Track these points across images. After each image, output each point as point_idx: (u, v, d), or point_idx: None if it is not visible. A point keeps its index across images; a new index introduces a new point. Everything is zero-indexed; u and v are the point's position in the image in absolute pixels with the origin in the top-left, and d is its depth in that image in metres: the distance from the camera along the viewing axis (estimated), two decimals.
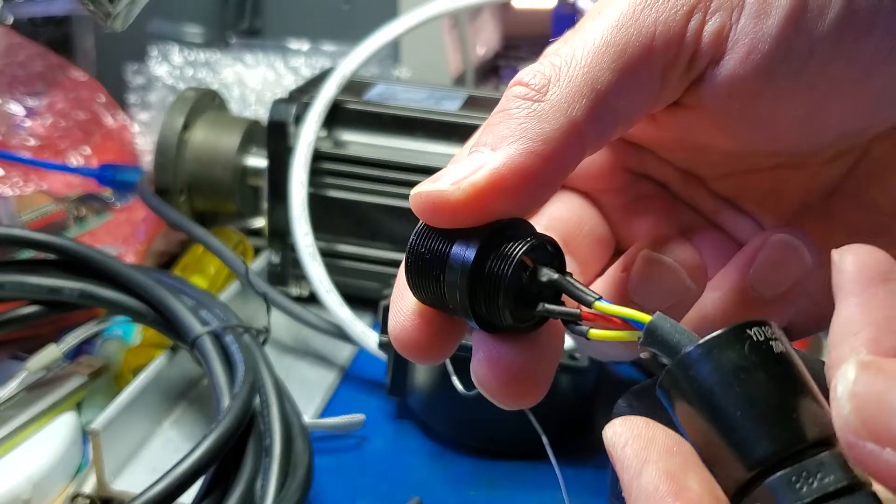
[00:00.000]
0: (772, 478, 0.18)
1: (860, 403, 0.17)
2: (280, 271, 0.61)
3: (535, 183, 0.21)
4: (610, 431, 0.19)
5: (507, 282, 0.21)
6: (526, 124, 0.21)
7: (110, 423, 0.42)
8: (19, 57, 0.73)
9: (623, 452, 0.19)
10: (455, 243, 0.21)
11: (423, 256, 0.22)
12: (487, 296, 0.21)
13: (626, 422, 0.19)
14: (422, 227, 0.23)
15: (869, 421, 0.17)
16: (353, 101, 0.60)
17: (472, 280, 0.21)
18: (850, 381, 0.17)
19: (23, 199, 0.67)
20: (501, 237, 0.21)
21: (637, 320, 0.21)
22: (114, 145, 0.76)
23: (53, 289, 0.48)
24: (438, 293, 0.22)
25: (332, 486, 0.46)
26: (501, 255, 0.21)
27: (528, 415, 0.44)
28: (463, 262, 0.21)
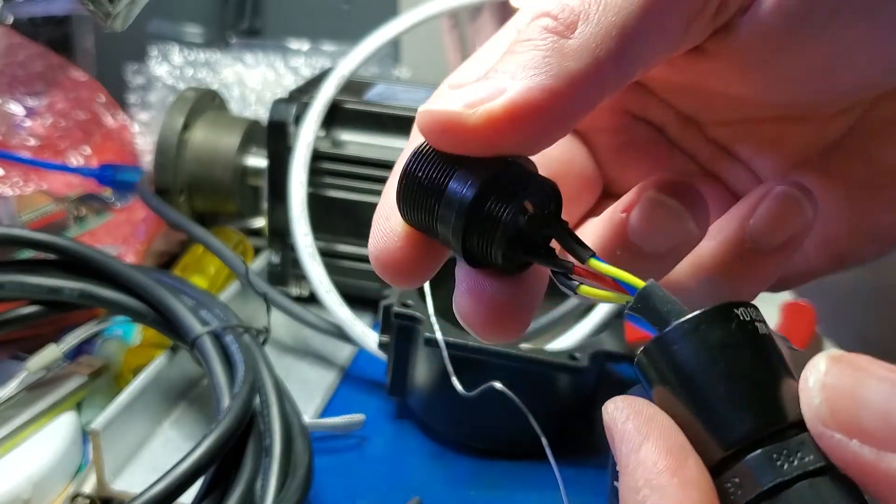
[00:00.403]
0: (753, 454, 0.18)
1: (830, 394, 0.17)
2: (280, 271, 0.61)
3: (552, 121, 0.20)
4: (612, 406, 0.19)
5: (504, 225, 0.20)
6: (551, 59, 0.20)
7: (110, 422, 0.42)
8: (19, 57, 0.73)
9: (624, 426, 0.19)
10: (454, 176, 0.21)
11: (420, 182, 0.21)
12: (482, 236, 0.21)
13: (627, 399, 0.19)
14: (422, 150, 0.22)
15: (837, 412, 0.17)
16: (353, 101, 0.60)
17: (468, 218, 0.21)
18: (822, 373, 0.18)
19: (23, 199, 0.67)
20: (504, 177, 0.21)
21: (630, 284, 0.20)
22: (114, 145, 0.76)
23: (53, 289, 0.48)
24: (429, 222, 0.22)
25: (332, 486, 0.46)
26: (502, 197, 0.20)
27: (527, 415, 0.44)
28: (461, 199, 0.21)
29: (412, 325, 0.47)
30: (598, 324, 0.50)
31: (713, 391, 0.19)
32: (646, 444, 0.18)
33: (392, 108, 0.59)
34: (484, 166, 0.20)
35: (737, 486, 0.18)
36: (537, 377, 0.46)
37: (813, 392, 0.18)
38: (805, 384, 0.18)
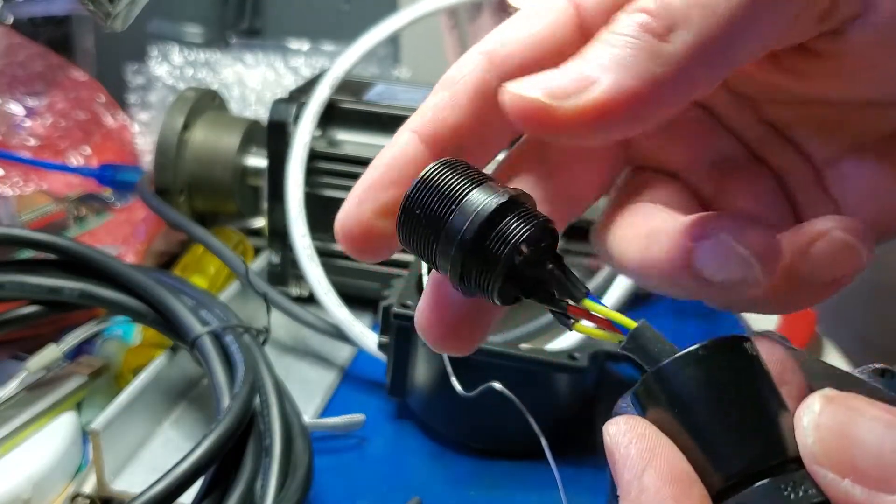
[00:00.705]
0: (762, 483, 0.18)
1: (823, 434, 0.18)
2: (280, 271, 0.61)
3: (638, 120, 0.20)
4: (613, 429, 0.19)
5: (502, 265, 0.21)
6: (645, 60, 0.20)
7: (110, 422, 0.42)
8: (19, 57, 0.74)
9: (626, 451, 0.19)
10: (455, 212, 0.21)
11: (419, 216, 0.22)
12: (479, 273, 0.21)
13: (630, 420, 0.19)
14: (425, 179, 0.22)
15: (830, 452, 0.18)
16: (353, 101, 0.60)
17: (466, 257, 0.21)
18: (815, 413, 0.18)
19: (23, 199, 0.67)
20: (503, 217, 0.21)
21: (622, 324, 0.21)
22: (114, 145, 0.76)
23: (53, 289, 0.48)
24: (426, 251, 0.22)
25: (332, 485, 0.46)
26: (500, 237, 0.21)
27: (526, 415, 0.44)
28: (461, 237, 0.21)
29: (412, 325, 0.47)
30: None
31: (719, 421, 0.19)
32: (649, 471, 0.18)
33: (392, 107, 0.59)
34: (482, 202, 0.21)
35: None
36: (537, 377, 0.46)
37: (807, 432, 0.18)
38: (799, 423, 0.18)
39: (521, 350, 0.46)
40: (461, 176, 0.22)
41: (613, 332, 0.21)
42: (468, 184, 0.21)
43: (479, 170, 0.22)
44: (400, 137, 0.24)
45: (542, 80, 0.21)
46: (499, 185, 0.22)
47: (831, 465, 0.18)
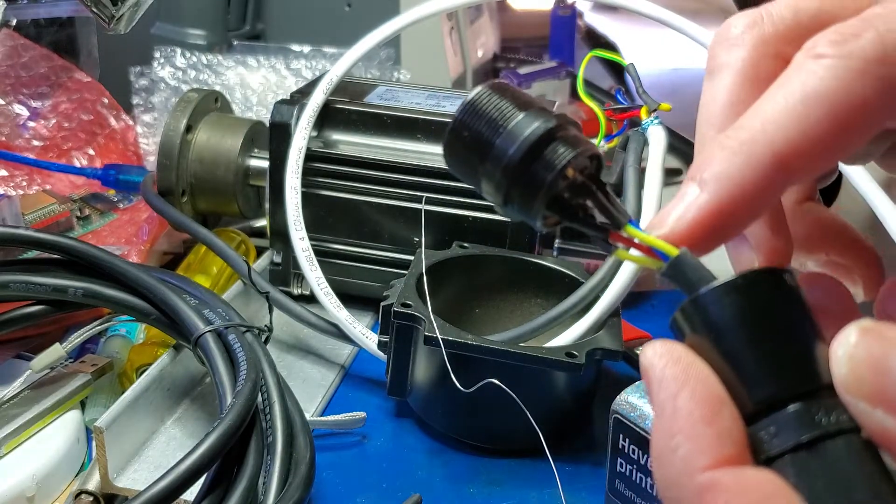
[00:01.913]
0: (795, 406, 0.19)
1: (856, 365, 0.18)
2: (282, 271, 0.62)
3: (737, 224, 0.21)
4: (650, 351, 0.20)
5: (545, 189, 0.21)
6: (739, 170, 0.21)
7: (114, 420, 0.43)
8: (23, 59, 0.74)
9: (662, 372, 0.19)
10: (501, 135, 0.21)
11: (468, 135, 0.22)
12: (522, 196, 0.22)
13: (666, 344, 0.20)
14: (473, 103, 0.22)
15: (862, 383, 0.18)
16: (354, 102, 0.60)
17: (511, 179, 0.21)
18: (851, 345, 0.18)
19: (27, 200, 0.68)
20: (548, 141, 0.21)
21: (663, 251, 0.21)
22: (117, 146, 0.76)
23: (58, 288, 0.49)
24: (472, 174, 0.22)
25: (334, 482, 0.46)
26: (545, 161, 0.21)
27: (523, 410, 0.44)
28: (507, 160, 0.21)
29: (412, 325, 0.48)
30: (595, 322, 0.50)
31: (754, 348, 0.19)
32: (683, 392, 0.19)
33: (392, 109, 0.60)
34: (529, 130, 0.21)
35: (772, 434, 0.19)
36: (535, 375, 0.47)
37: (841, 362, 0.18)
38: (835, 354, 0.18)
39: (519, 348, 0.47)
40: (509, 99, 0.22)
41: (654, 258, 0.21)
42: (516, 108, 0.22)
43: (527, 94, 0.22)
44: None
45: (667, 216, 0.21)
46: (547, 110, 0.22)
47: (863, 395, 0.18)
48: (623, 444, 0.40)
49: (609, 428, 0.41)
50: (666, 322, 0.22)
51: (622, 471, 0.40)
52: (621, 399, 0.40)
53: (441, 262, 0.54)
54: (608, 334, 0.48)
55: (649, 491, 0.39)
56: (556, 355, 0.46)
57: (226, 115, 0.70)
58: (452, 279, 0.54)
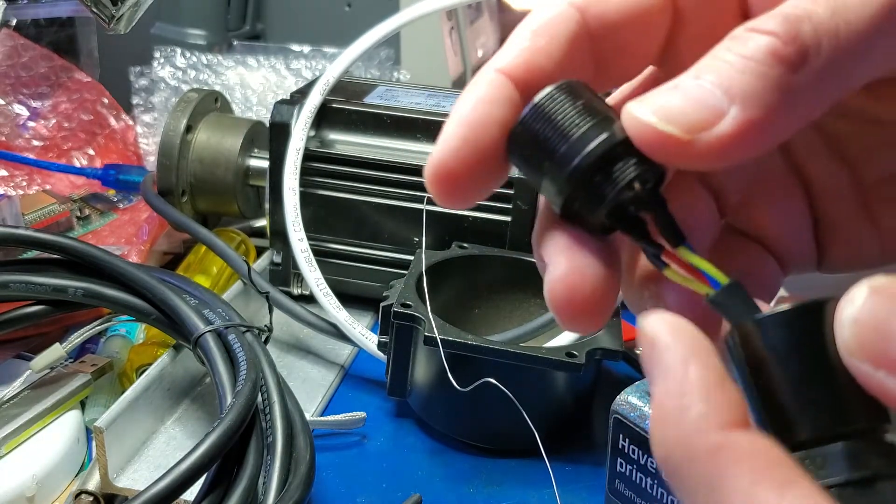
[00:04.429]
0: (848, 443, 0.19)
1: (860, 329, 0.18)
2: (282, 271, 0.62)
3: (757, 150, 0.20)
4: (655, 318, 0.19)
5: (607, 203, 0.21)
6: (777, 94, 0.19)
7: (114, 420, 0.43)
8: (23, 59, 0.74)
9: (671, 337, 0.19)
10: (567, 142, 0.21)
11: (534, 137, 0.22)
12: (584, 204, 0.21)
13: (670, 315, 0.19)
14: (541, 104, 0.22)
15: (866, 345, 0.17)
16: (353, 102, 0.60)
17: (574, 188, 0.21)
18: (856, 307, 0.18)
19: (27, 200, 0.68)
20: (613, 154, 0.21)
21: (714, 278, 0.21)
22: (117, 146, 0.76)
23: (58, 288, 0.49)
24: (535, 174, 0.22)
25: (334, 482, 0.46)
26: (611, 175, 0.21)
27: (519, 409, 0.44)
28: (572, 167, 0.21)
29: (412, 325, 0.48)
30: None
31: (815, 379, 0.19)
32: (694, 357, 0.18)
33: (391, 108, 0.60)
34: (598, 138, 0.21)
35: (818, 465, 0.19)
36: (535, 375, 0.47)
37: (845, 325, 0.18)
38: (839, 315, 0.18)
39: (519, 347, 0.47)
40: (582, 102, 0.21)
41: (704, 283, 0.21)
42: (587, 112, 0.21)
43: (600, 97, 0.22)
44: (487, 76, 0.22)
45: (668, 108, 0.20)
46: (610, 115, 0.21)
47: (866, 357, 0.17)
48: (623, 444, 0.40)
49: (609, 428, 0.41)
50: None
51: (622, 471, 0.40)
52: (621, 399, 0.40)
53: (441, 262, 0.54)
54: (608, 334, 0.48)
55: (649, 491, 0.39)
56: (556, 355, 0.46)
57: (226, 115, 0.70)
58: (452, 279, 0.54)
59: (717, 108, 0.19)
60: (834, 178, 0.26)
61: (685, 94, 0.20)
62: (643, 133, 0.20)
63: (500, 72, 0.22)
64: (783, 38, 0.20)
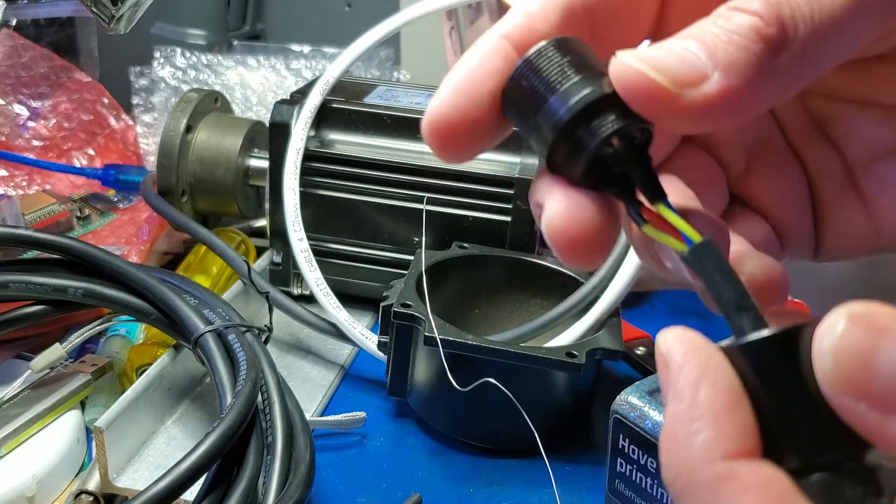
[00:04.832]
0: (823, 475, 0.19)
1: (842, 360, 0.17)
2: (282, 271, 0.62)
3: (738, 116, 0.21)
4: (669, 337, 0.19)
5: (588, 153, 0.22)
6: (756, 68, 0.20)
7: (114, 420, 0.43)
8: (23, 59, 0.74)
9: (684, 358, 0.19)
10: (554, 94, 0.22)
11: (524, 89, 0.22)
12: (566, 156, 0.22)
13: (685, 331, 0.20)
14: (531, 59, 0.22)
15: (848, 378, 0.17)
16: (353, 102, 0.60)
17: (557, 138, 0.22)
18: (837, 336, 0.17)
19: (27, 200, 0.68)
20: (599, 107, 0.21)
21: (688, 236, 0.21)
22: (117, 146, 0.77)
23: (58, 288, 0.49)
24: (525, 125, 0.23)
25: (334, 482, 0.46)
26: (592, 128, 0.21)
27: (519, 409, 0.44)
28: (556, 118, 0.22)
29: (412, 325, 0.48)
30: (595, 322, 0.50)
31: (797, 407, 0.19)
32: (705, 380, 0.19)
33: (391, 108, 0.60)
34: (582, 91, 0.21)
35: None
36: (535, 374, 0.47)
37: (826, 355, 0.18)
38: (819, 345, 0.18)
39: (519, 347, 0.47)
40: (571, 57, 0.22)
41: (679, 241, 0.21)
42: (576, 66, 0.22)
43: (592, 54, 0.23)
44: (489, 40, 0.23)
45: (658, 61, 0.21)
46: (599, 70, 0.22)
47: (847, 389, 0.17)
48: (623, 444, 0.40)
49: (609, 428, 0.41)
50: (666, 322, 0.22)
51: (622, 471, 0.40)
52: (621, 399, 0.40)
53: (441, 262, 0.54)
54: (608, 334, 0.48)
55: (649, 491, 0.39)
56: (557, 355, 0.46)
57: (226, 115, 0.70)
58: (452, 279, 0.54)
59: (701, 70, 0.20)
60: (825, 159, 0.27)
61: (674, 53, 0.21)
62: (632, 79, 0.21)
63: (500, 35, 0.23)
64: (766, 19, 0.21)
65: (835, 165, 0.27)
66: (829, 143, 0.27)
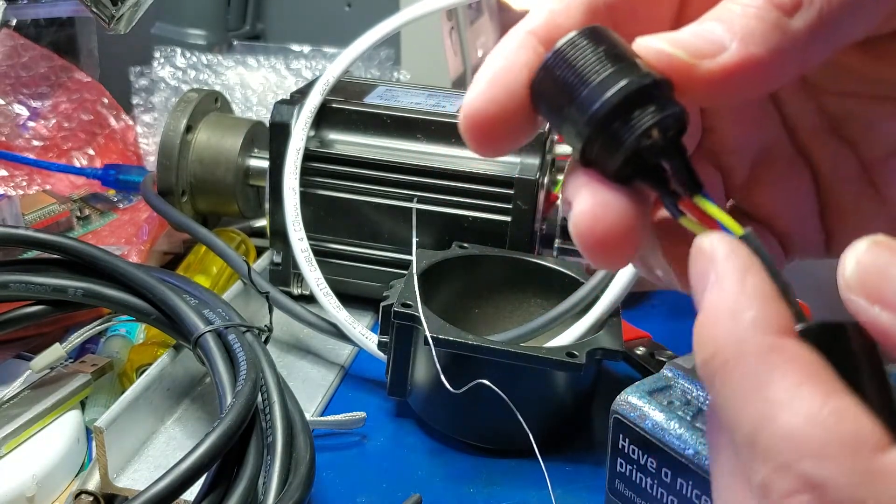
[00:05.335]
0: None
1: (861, 268, 0.19)
2: (282, 271, 0.62)
3: (757, 86, 0.22)
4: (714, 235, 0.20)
5: (625, 146, 0.21)
6: (771, 33, 0.22)
7: (114, 420, 0.43)
8: (23, 59, 0.74)
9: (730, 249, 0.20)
10: (589, 86, 0.21)
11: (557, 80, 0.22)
12: (602, 148, 0.22)
13: (725, 236, 0.21)
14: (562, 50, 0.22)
15: (865, 283, 0.19)
16: (354, 102, 0.60)
17: (593, 132, 0.21)
18: (860, 252, 0.19)
19: (27, 200, 0.68)
20: (636, 99, 0.21)
21: (729, 228, 0.21)
22: (117, 146, 0.77)
23: (58, 288, 0.49)
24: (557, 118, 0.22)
25: (334, 483, 0.46)
26: (629, 121, 0.21)
27: (513, 410, 0.44)
28: (591, 111, 0.21)
29: (412, 325, 0.48)
30: (595, 322, 0.50)
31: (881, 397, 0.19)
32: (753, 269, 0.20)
33: (391, 108, 0.60)
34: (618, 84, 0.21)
35: None
36: (535, 374, 0.47)
37: (848, 264, 0.19)
38: (842, 260, 0.20)
39: (519, 347, 0.47)
40: (604, 48, 0.22)
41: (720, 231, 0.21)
42: (609, 57, 0.22)
43: (624, 43, 0.22)
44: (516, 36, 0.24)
45: (677, 38, 0.22)
46: (642, 64, 0.22)
47: (864, 294, 0.19)
48: (623, 444, 0.40)
49: (609, 428, 0.41)
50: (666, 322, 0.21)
51: (622, 471, 0.40)
52: (621, 399, 0.40)
53: (441, 262, 0.54)
54: (608, 334, 0.48)
55: (649, 491, 0.39)
56: (557, 355, 0.46)
57: (226, 115, 0.70)
58: (452, 279, 0.54)
59: (719, 42, 0.22)
60: (839, 159, 0.27)
61: (692, 31, 0.22)
62: (652, 56, 0.22)
63: (526, 31, 0.24)
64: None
65: (850, 166, 0.27)
66: (844, 143, 0.27)
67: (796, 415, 0.18)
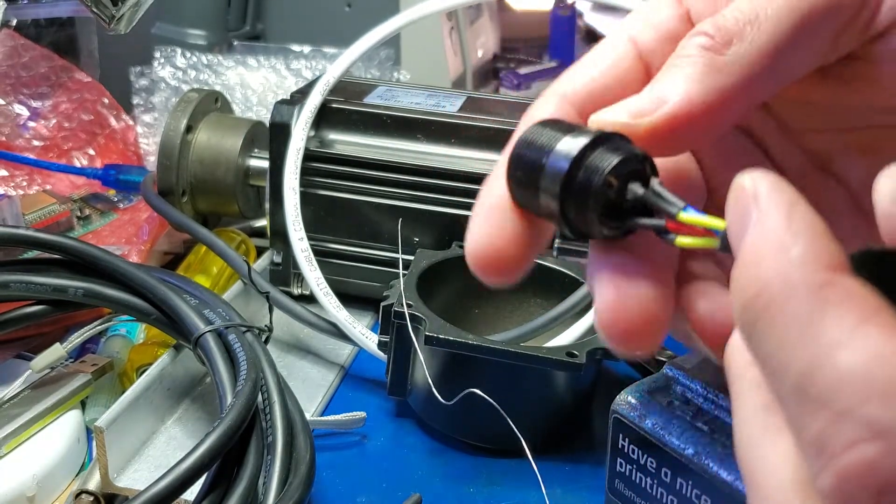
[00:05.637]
0: None
1: None
2: (282, 271, 0.62)
3: (704, 128, 0.23)
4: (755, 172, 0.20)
5: (594, 196, 0.22)
6: (707, 73, 0.22)
7: (114, 420, 0.43)
8: (23, 59, 0.74)
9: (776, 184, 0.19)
10: (549, 156, 0.23)
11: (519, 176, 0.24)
12: (577, 207, 0.23)
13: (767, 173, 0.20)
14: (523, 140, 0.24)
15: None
16: (354, 102, 0.60)
17: (563, 191, 0.22)
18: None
19: (27, 200, 0.68)
20: (592, 149, 0.22)
21: (715, 228, 0.21)
22: (118, 146, 0.77)
23: (58, 288, 0.49)
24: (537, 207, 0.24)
25: (334, 482, 0.47)
26: (591, 168, 0.22)
27: (521, 412, 0.44)
28: (555, 174, 0.23)
29: (412, 325, 0.48)
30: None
31: None
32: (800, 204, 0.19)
33: (391, 109, 0.60)
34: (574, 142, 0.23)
35: None
36: (535, 374, 0.47)
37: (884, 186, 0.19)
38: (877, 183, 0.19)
39: (520, 347, 0.47)
40: (553, 128, 0.24)
41: (712, 237, 0.22)
42: (558, 133, 0.23)
43: (570, 123, 0.24)
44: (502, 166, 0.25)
45: (625, 104, 0.23)
46: (590, 130, 0.23)
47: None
48: (623, 444, 0.40)
49: (609, 428, 0.41)
50: None
51: (622, 471, 0.40)
52: (621, 399, 0.40)
53: (441, 262, 0.54)
54: None
55: (649, 491, 0.39)
56: (557, 355, 0.46)
57: (226, 115, 0.70)
58: (452, 279, 0.54)
59: (661, 97, 0.23)
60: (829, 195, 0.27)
61: (642, 94, 0.24)
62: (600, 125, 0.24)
63: None
64: (709, 32, 0.23)
65: (841, 199, 0.27)
66: (832, 177, 0.27)
67: (858, 353, 0.16)
